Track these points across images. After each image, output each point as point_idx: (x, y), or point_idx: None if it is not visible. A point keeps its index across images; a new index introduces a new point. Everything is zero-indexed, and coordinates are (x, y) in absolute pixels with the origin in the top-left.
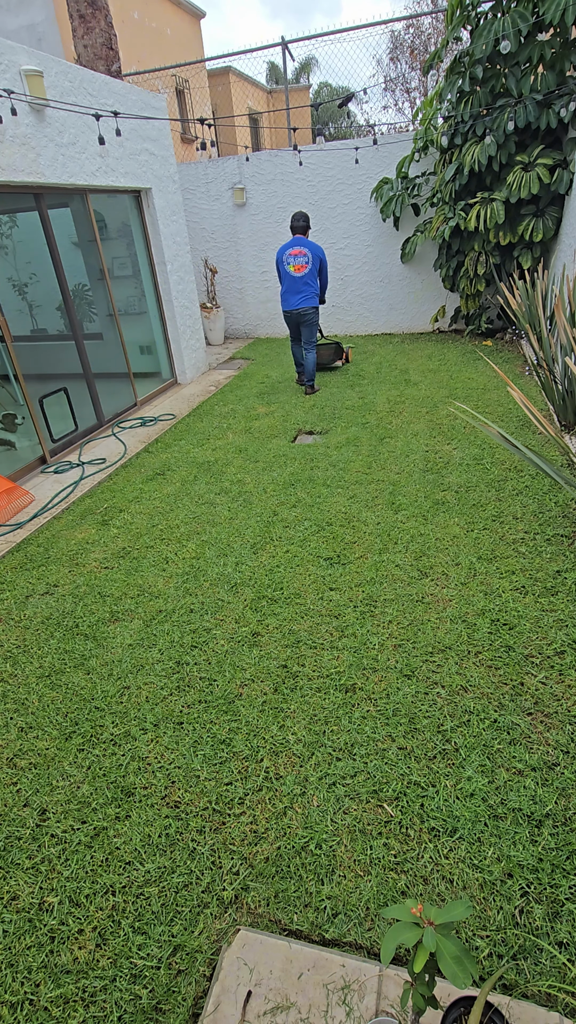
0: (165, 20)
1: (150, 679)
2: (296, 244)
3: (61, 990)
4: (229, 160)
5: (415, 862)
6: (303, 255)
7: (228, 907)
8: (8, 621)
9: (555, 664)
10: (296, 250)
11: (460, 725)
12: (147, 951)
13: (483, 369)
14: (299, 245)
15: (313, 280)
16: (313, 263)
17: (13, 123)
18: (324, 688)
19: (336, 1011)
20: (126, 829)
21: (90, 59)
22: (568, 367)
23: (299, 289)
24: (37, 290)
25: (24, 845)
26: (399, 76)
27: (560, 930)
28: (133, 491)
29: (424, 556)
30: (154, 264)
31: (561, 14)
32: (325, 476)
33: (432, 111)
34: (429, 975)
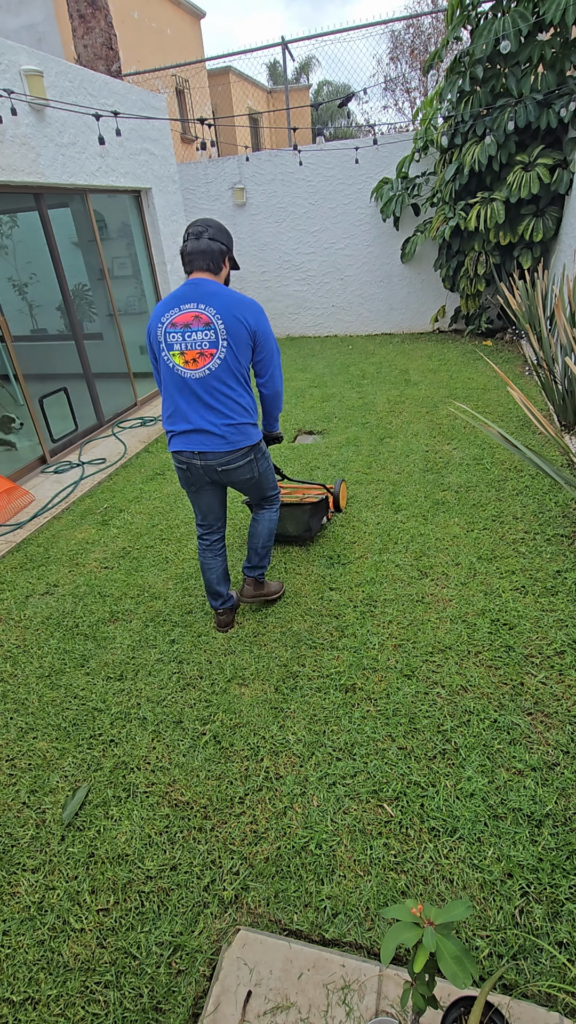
0: (165, 20)
1: (150, 679)
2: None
3: (61, 988)
4: (229, 160)
5: (415, 862)
6: (204, 324)
7: (228, 907)
8: (8, 621)
9: (555, 664)
10: (188, 313)
11: (460, 725)
12: (147, 950)
13: (483, 369)
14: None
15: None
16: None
17: (13, 123)
18: (324, 688)
19: (336, 1011)
20: (127, 829)
21: (90, 59)
22: (568, 367)
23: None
24: (37, 290)
25: (24, 845)
26: (399, 76)
27: (560, 930)
28: (133, 491)
29: (424, 556)
30: (154, 264)
31: (561, 14)
32: (325, 476)
33: (432, 111)
34: (429, 975)
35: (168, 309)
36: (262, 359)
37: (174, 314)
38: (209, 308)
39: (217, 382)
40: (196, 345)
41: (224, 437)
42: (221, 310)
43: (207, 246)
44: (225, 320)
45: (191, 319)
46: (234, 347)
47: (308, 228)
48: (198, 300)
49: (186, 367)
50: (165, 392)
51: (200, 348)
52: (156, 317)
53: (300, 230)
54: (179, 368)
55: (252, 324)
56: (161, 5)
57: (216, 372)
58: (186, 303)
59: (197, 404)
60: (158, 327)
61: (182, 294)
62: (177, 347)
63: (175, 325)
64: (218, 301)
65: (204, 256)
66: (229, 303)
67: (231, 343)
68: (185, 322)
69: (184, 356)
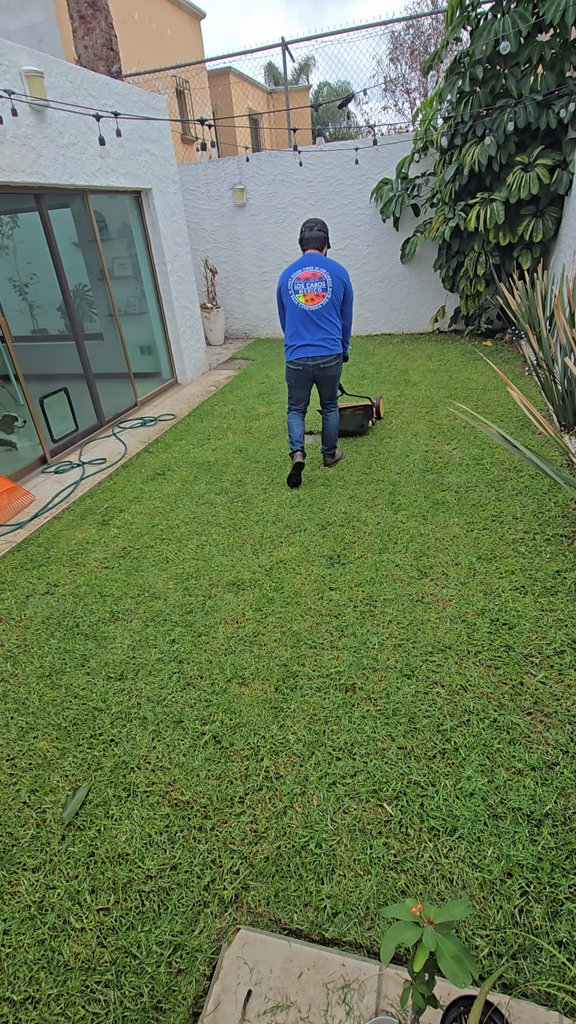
0: (165, 21)
1: (150, 679)
2: (308, 264)
3: (62, 988)
4: (229, 161)
5: (415, 861)
6: (319, 279)
7: (228, 906)
8: (8, 621)
9: (555, 664)
10: (308, 272)
11: (460, 725)
12: (148, 950)
13: (483, 369)
14: (313, 265)
15: (334, 315)
16: (334, 290)
17: (14, 124)
18: (324, 688)
19: (336, 1010)
20: (127, 828)
21: (90, 60)
22: (567, 367)
23: (313, 329)
24: (37, 290)
25: (25, 845)
26: (399, 77)
27: (560, 929)
28: (133, 491)
29: (424, 556)
30: (154, 264)
31: (561, 15)
32: (325, 476)
33: (432, 112)
34: (429, 974)
35: (295, 270)
36: (347, 302)
37: (299, 272)
38: (321, 269)
39: (325, 312)
40: (313, 290)
41: (327, 347)
42: (330, 271)
43: (318, 235)
44: (331, 276)
45: (310, 275)
46: (332, 293)
47: None
48: (315, 265)
49: (306, 303)
50: (289, 321)
51: (316, 292)
52: (287, 275)
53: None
54: (302, 304)
55: (345, 281)
56: (161, 6)
57: (324, 307)
58: (307, 266)
59: (312, 326)
60: (289, 279)
61: (303, 262)
62: (301, 291)
63: (299, 279)
64: (327, 266)
65: (316, 241)
66: (334, 268)
67: (333, 290)
68: (307, 277)
69: (305, 297)
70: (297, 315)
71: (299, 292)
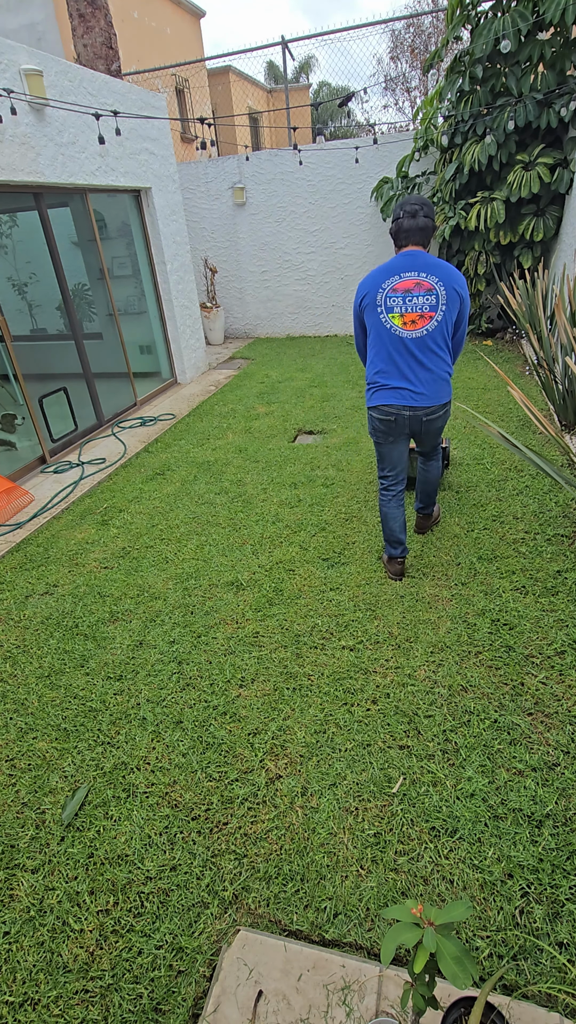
0: (165, 19)
1: (150, 679)
2: (409, 268)
3: (61, 989)
4: (229, 160)
5: (415, 862)
6: (426, 291)
7: (228, 907)
8: (8, 621)
9: (555, 664)
10: (410, 280)
11: (460, 725)
12: (147, 951)
13: (483, 369)
14: (417, 271)
15: (443, 345)
16: (448, 308)
17: (13, 122)
18: (324, 688)
19: (336, 1011)
20: (126, 829)
21: (90, 58)
22: (568, 367)
23: (415, 366)
24: (37, 290)
25: (24, 846)
26: (399, 75)
27: (560, 931)
28: (133, 491)
29: (424, 556)
30: (154, 264)
31: (561, 13)
32: (325, 476)
33: (432, 110)
34: (429, 975)
35: (388, 276)
36: (461, 324)
37: (395, 281)
38: (431, 276)
39: (432, 342)
40: (416, 308)
41: (433, 393)
42: (443, 279)
43: (424, 224)
44: (447, 288)
45: (412, 285)
46: (448, 312)
47: (308, 228)
48: (419, 269)
49: (404, 328)
50: (377, 350)
51: (420, 311)
52: (374, 284)
53: (300, 230)
54: (396, 328)
55: (463, 294)
56: (161, 4)
57: (431, 333)
58: (406, 272)
59: (412, 362)
60: (379, 291)
61: (400, 264)
62: (397, 310)
63: (396, 291)
64: (440, 272)
65: (420, 232)
66: (449, 274)
67: (448, 307)
68: (406, 288)
69: (403, 318)
70: (390, 344)
71: (395, 311)
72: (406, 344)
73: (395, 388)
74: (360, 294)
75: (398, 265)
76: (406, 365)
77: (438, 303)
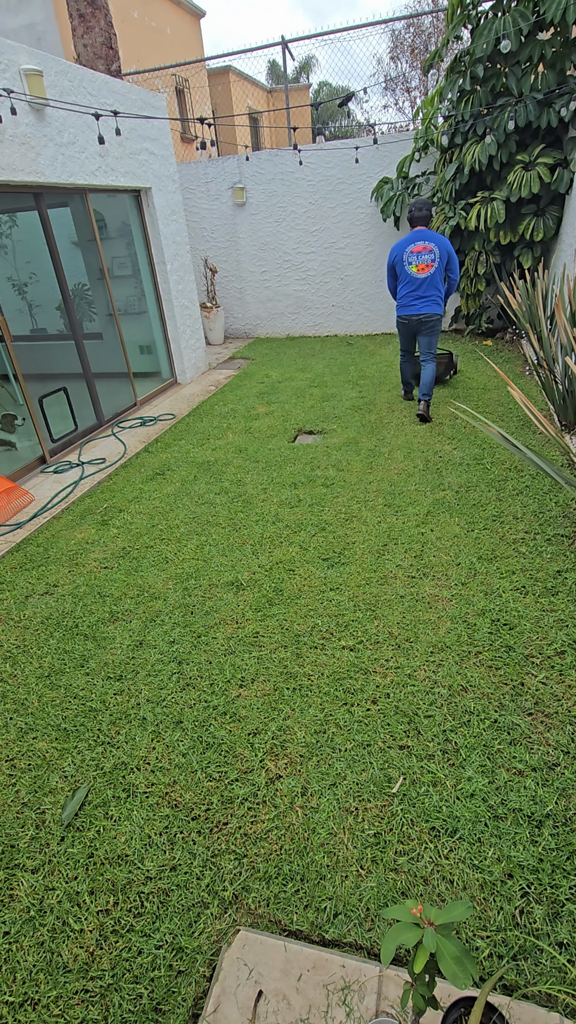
0: (165, 19)
1: (150, 679)
2: (419, 239)
3: (61, 989)
4: (229, 160)
5: (415, 862)
6: (429, 251)
7: (228, 907)
8: (8, 621)
9: (555, 664)
10: (420, 246)
11: (460, 725)
12: (147, 951)
13: (483, 369)
14: (423, 240)
15: (439, 282)
16: (440, 260)
17: (13, 122)
18: (324, 688)
19: (336, 1011)
20: (126, 829)
21: (90, 58)
22: (568, 367)
23: (423, 293)
24: (37, 290)
25: (24, 845)
26: (399, 75)
27: (560, 931)
28: (133, 491)
29: (424, 556)
30: (154, 264)
31: (562, 13)
32: (325, 476)
33: (432, 110)
34: (429, 976)
35: (409, 244)
36: (451, 265)
37: (413, 245)
38: (431, 243)
39: (433, 279)
40: (424, 261)
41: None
42: (437, 244)
43: (426, 215)
44: (439, 248)
45: (422, 248)
46: (439, 262)
47: (308, 228)
48: (425, 239)
49: (418, 272)
50: (402, 287)
51: (426, 262)
52: (401, 248)
53: (300, 230)
54: (414, 274)
55: (450, 250)
56: (161, 4)
57: (432, 275)
58: (418, 241)
59: (420, 291)
60: (404, 252)
61: (414, 237)
62: (414, 262)
63: (412, 252)
64: (435, 239)
65: (424, 220)
66: (440, 240)
67: (440, 259)
68: (419, 251)
69: (417, 267)
70: (409, 282)
71: (412, 263)
72: (419, 282)
73: (410, 305)
74: (393, 255)
75: (412, 237)
76: (416, 294)
77: (435, 258)
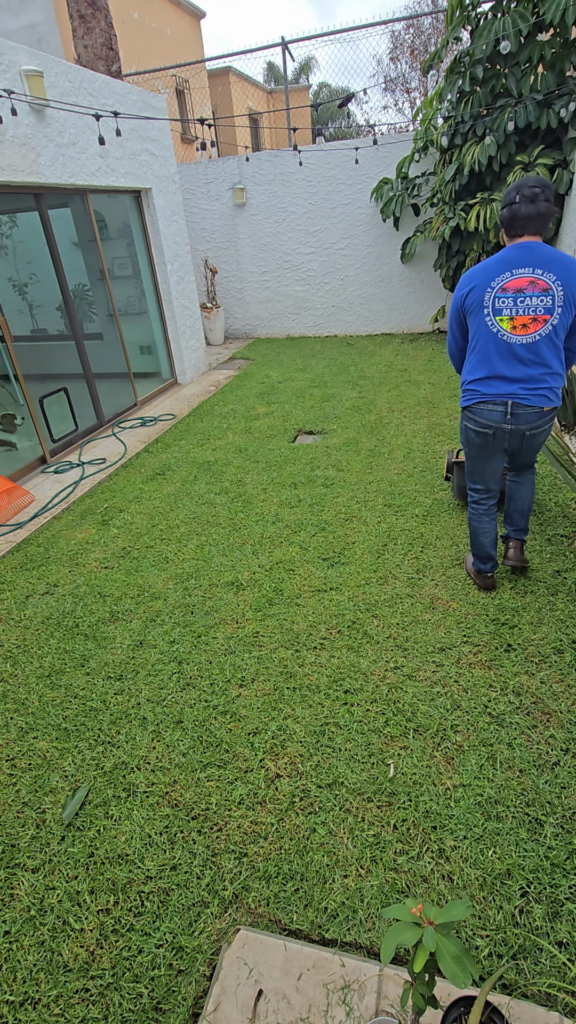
0: (165, 20)
1: (150, 679)
2: (523, 263)
3: (61, 989)
4: (229, 160)
5: (415, 862)
6: (542, 291)
7: (228, 906)
8: (8, 621)
9: (555, 664)
10: (524, 278)
11: (460, 725)
12: (147, 950)
13: None
14: (532, 267)
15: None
16: (564, 311)
17: (13, 123)
18: (324, 688)
19: (336, 1011)
20: (127, 829)
21: (90, 59)
22: None
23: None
24: (37, 290)
25: (24, 845)
26: (399, 76)
27: (560, 930)
28: (133, 491)
29: (424, 556)
30: (154, 264)
31: (561, 14)
32: (325, 476)
33: (432, 111)
34: (429, 975)
35: (499, 273)
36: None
37: (506, 279)
38: (549, 274)
39: (544, 347)
40: (529, 311)
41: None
42: (563, 276)
43: (546, 210)
44: (566, 286)
45: (525, 284)
46: (567, 313)
47: (308, 228)
48: (535, 265)
49: (513, 332)
50: (480, 354)
51: (533, 314)
52: (483, 280)
53: (300, 230)
54: (504, 333)
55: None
56: (161, 5)
57: (545, 338)
58: (519, 268)
59: (517, 364)
60: (487, 292)
61: (513, 258)
62: (506, 312)
63: (506, 290)
64: (560, 268)
65: (540, 220)
66: (568, 269)
67: (564, 310)
68: (518, 287)
69: (513, 322)
70: (493, 349)
71: (503, 313)
72: (513, 350)
73: (495, 396)
74: (465, 287)
75: (510, 260)
76: (512, 373)
77: (555, 305)
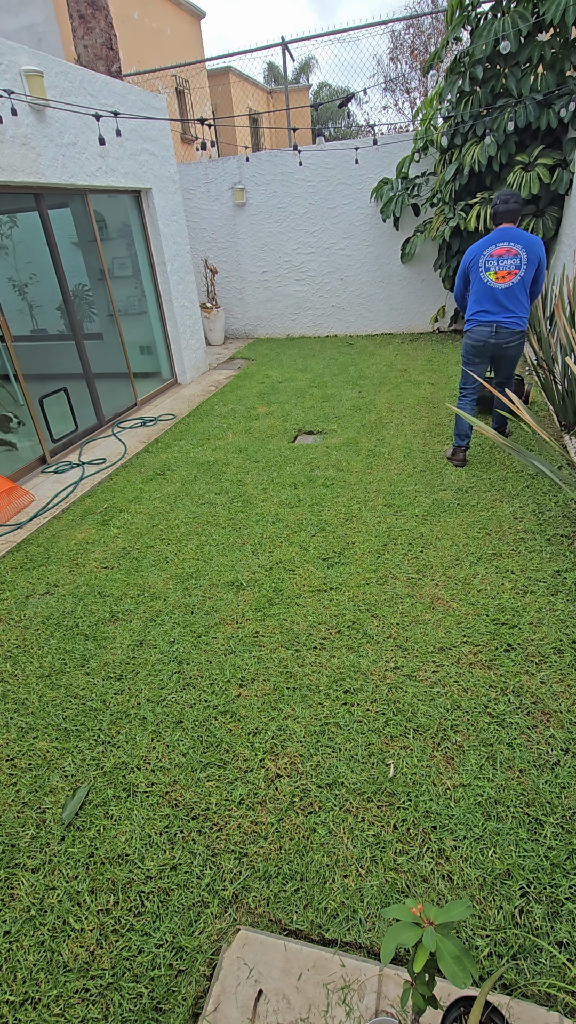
0: (165, 20)
1: (150, 679)
2: (503, 239)
3: (61, 989)
4: (229, 160)
5: (415, 862)
6: (513, 255)
7: (228, 906)
8: (8, 621)
9: (555, 664)
10: (503, 248)
11: (460, 725)
12: (147, 950)
13: None
14: (508, 241)
15: (523, 295)
16: (528, 268)
17: (13, 123)
18: (324, 688)
19: (336, 1011)
20: (127, 829)
21: (90, 59)
22: (568, 367)
23: (498, 307)
24: (37, 290)
25: (24, 845)
26: (399, 76)
27: (560, 930)
28: (133, 491)
29: (424, 556)
30: (154, 264)
31: (561, 14)
32: (325, 476)
33: (432, 111)
34: (429, 975)
35: (488, 246)
36: (539, 275)
37: (491, 248)
38: (517, 245)
39: (515, 291)
40: (506, 267)
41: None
42: (525, 247)
43: (513, 207)
44: (528, 253)
45: (504, 251)
46: (525, 270)
47: (308, 228)
48: (510, 240)
49: (497, 282)
50: (476, 295)
51: (508, 270)
52: (478, 251)
53: (300, 230)
54: (491, 282)
55: (541, 256)
56: (161, 5)
57: (515, 286)
58: (500, 242)
59: (497, 305)
60: (481, 256)
61: (496, 237)
62: (492, 269)
63: (492, 256)
64: (523, 240)
65: (511, 214)
66: (530, 242)
67: (527, 267)
68: (500, 254)
69: (496, 275)
70: (484, 292)
71: (490, 270)
72: (496, 293)
73: (486, 322)
74: (468, 258)
75: (494, 237)
76: (494, 307)
77: (521, 264)
